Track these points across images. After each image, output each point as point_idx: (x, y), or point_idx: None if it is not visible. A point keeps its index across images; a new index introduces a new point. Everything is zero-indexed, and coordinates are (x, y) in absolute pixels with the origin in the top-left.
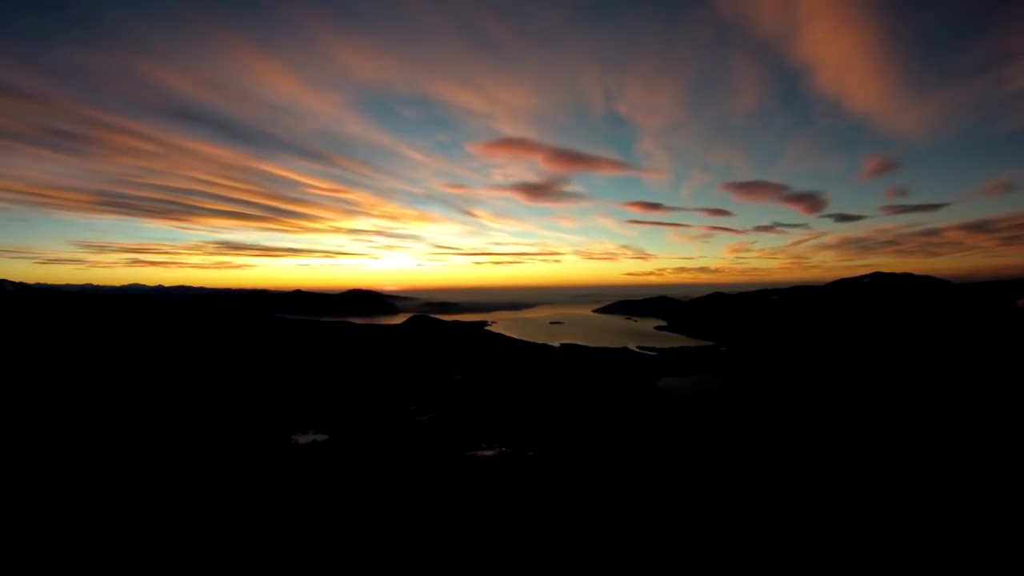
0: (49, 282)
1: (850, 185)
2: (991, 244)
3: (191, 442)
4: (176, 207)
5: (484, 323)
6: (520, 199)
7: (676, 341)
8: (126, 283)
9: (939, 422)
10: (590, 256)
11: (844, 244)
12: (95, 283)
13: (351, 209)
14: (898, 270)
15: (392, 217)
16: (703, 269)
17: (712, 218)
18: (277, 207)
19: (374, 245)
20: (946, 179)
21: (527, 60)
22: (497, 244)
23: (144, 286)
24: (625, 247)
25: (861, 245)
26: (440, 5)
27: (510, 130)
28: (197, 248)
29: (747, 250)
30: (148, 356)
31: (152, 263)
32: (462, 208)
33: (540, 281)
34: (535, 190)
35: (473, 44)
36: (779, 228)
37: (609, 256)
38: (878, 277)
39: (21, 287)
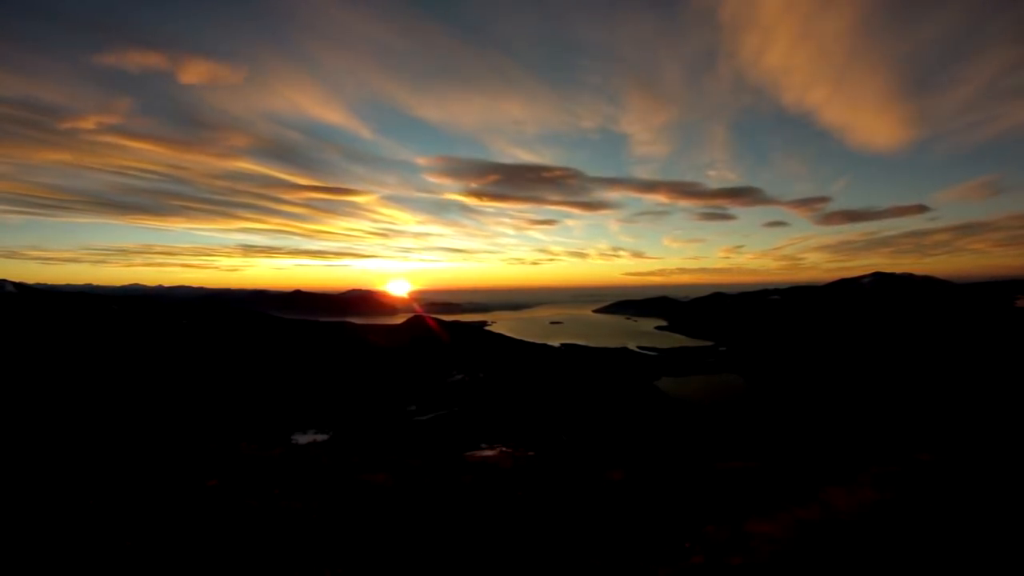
0: (70, 283)
1: (840, 190)
2: (981, 245)
3: (190, 442)
4: (210, 213)
5: (484, 323)
6: (524, 206)
7: (676, 341)
8: (126, 283)
9: (944, 422)
10: (591, 257)
11: (837, 246)
12: (95, 283)
13: (360, 214)
14: (890, 270)
15: (398, 221)
16: (702, 270)
17: (708, 223)
18: (303, 214)
19: (380, 247)
20: (924, 185)
21: (543, 99)
22: (500, 247)
23: (144, 286)
24: (625, 250)
25: (852, 247)
26: (487, 64)
27: (521, 153)
28: (233, 250)
29: (742, 253)
30: (148, 357)
31: (192, 266)
32: (465, 213)
33: (541, 282)
34: (539, 200)
35: (506, 91)
36: (773, 231)
37: (608, 257)
38: (878, 277)
39: (21, 287)
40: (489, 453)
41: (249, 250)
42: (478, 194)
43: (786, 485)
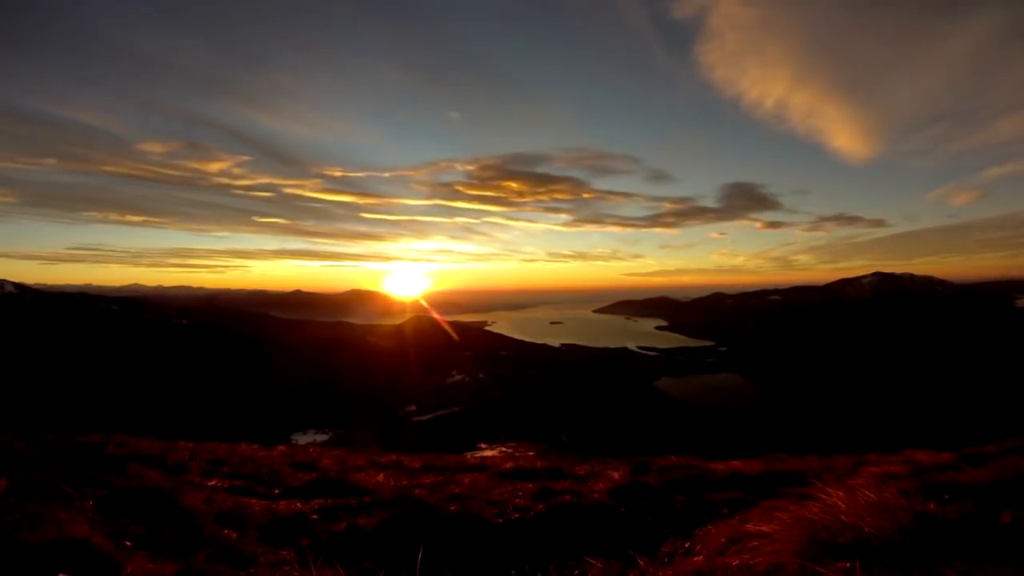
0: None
1: (830, 195)
2: (972, 246)
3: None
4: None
5: (484, 323)
6: (531, 213)
7: (676, 341)
8: (125, 284)
9: (946, 421)
10: (592, 260)
11: (829, 248)
12: (95, 283)
13: (362, 216)
14: (887, 270)
15: (399, 222)
16: (701, 271)
17: (705, 227)
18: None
19: (401, 250)
20: (912, 189)
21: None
22: (509, 251)
23: (143, 287)
24: (625, 252)
25: (843, 248)
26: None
27: (539, 166)
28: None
29: (737, 255)
30: (148, 356)
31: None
32: (467, 216)
33: (544, 284)
34: (544, 207)
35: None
36: (765, 234)
37: (608, 259)
38: (879, 277)
39: (21, 287)
40: (489, 453)
41: (281, 253)
42: (491, 201)
43: (786, 485)
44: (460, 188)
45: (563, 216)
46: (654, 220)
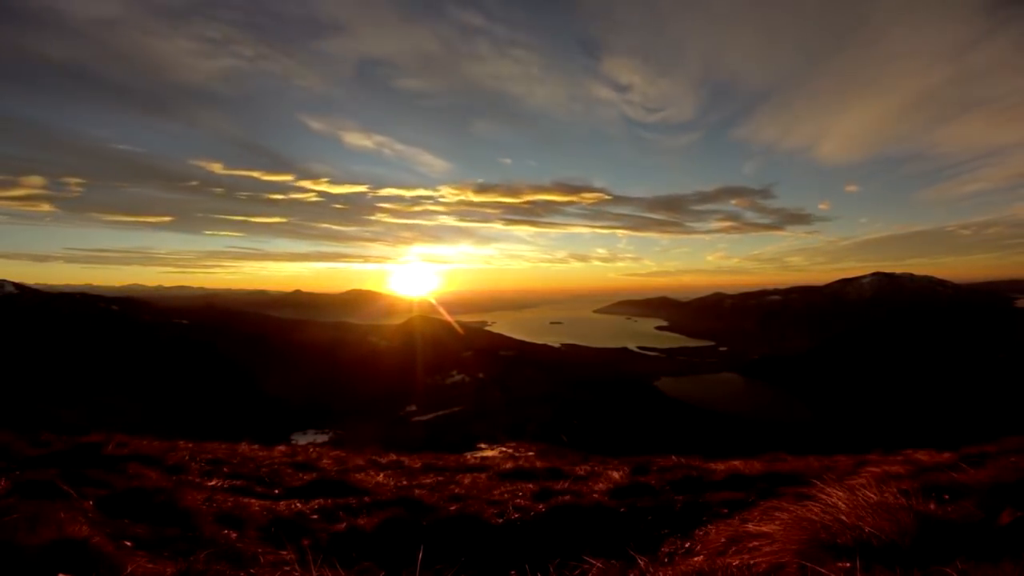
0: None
1: (818, 203)
2: (965, 246)
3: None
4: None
5: (485, 323)
6: (525, 215)
7: (676, 341)
8: (125, 284)
9: (946, 421)
10: (594, 261)
11: (823, 249)
12: (95, 283)
13: (363, 217)
14: (886, 270)
15: (401, 226)
16: (700, 271)
17: (701, 230)
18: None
19: (388, 250)
20: (901, 192)
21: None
22: (503, 252)
23: (144, 287)
24: (628, 254)
25: (836, 251)
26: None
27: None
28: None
29: (732, 257)
30: (148, 356)
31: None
32: (472, 220)
33: (541, 285)
34: (535, 211)
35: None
36: (760, 236)
37: (609, 260)
38: (879, 276)
39: (21, 287)
40: (489, 453)
41: (296, 256)
42: (495, 206)
43: (786, 485)
44: (472, 197)
45: (566, 219)
46: (655, 223)
